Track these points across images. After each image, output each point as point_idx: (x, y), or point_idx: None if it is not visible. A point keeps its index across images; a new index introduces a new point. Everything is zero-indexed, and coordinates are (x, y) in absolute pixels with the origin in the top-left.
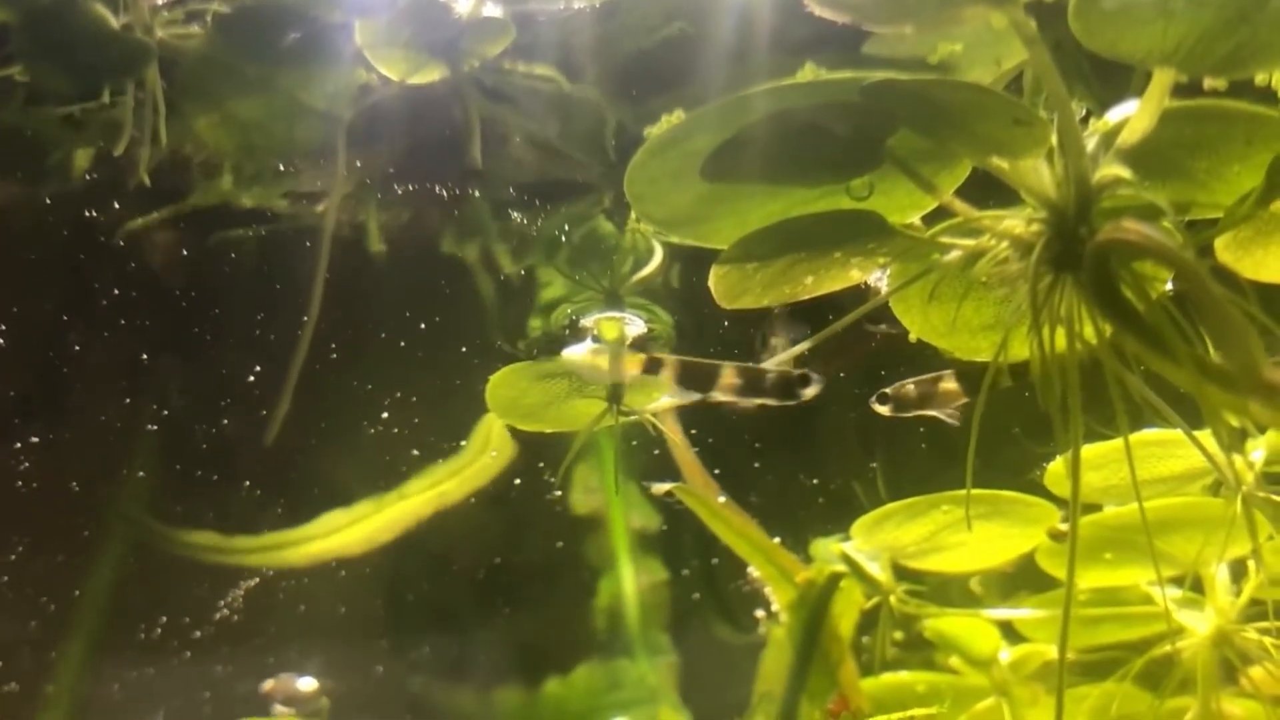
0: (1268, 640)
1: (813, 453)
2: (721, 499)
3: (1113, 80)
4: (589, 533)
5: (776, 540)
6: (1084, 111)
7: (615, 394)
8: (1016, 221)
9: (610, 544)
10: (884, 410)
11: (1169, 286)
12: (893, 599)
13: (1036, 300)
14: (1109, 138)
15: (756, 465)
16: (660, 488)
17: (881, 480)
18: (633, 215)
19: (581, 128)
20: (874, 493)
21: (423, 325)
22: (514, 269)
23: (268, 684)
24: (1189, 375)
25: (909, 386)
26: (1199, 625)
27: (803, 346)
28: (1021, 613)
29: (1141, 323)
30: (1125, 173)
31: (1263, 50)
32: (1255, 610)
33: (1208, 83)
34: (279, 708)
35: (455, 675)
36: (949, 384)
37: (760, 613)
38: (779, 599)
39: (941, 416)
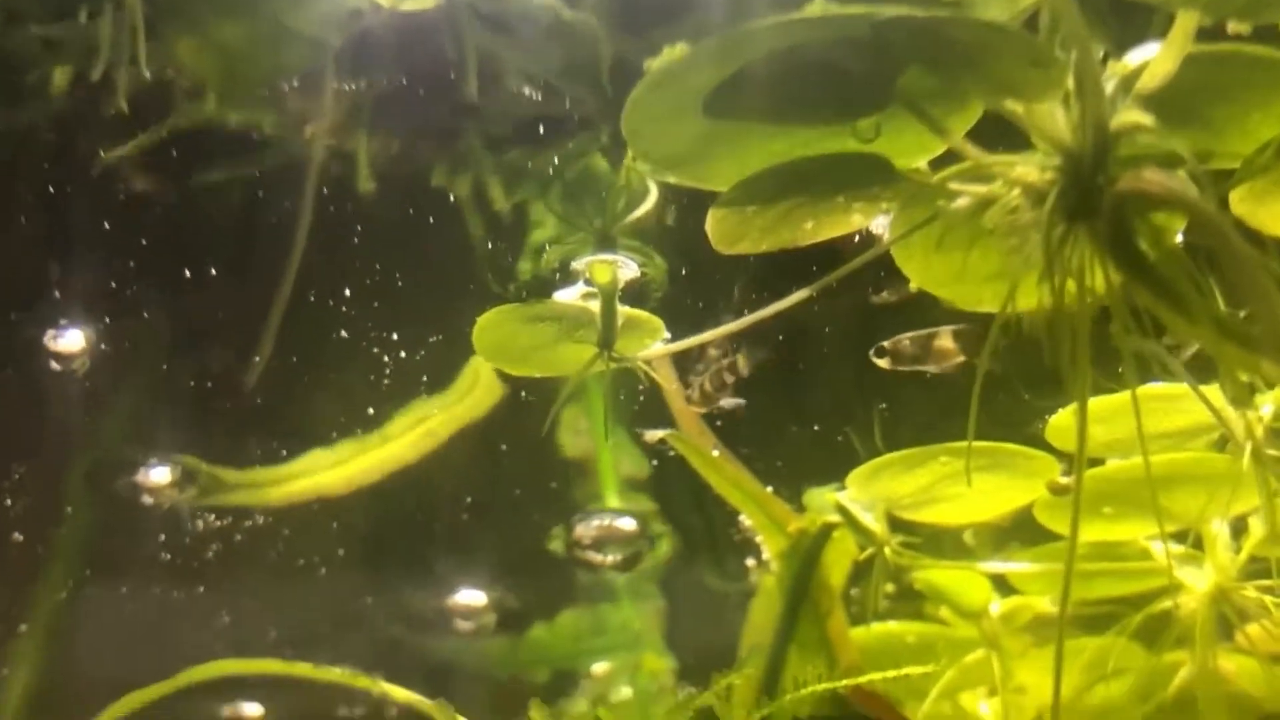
0: (1268, 599)
1: (810, 403)
2: (715, 451)
3: (1133, 21)
4: (578, 477)
5: (769, 490)
6: (1102, 53)
7: (606, 340)
8: (1030, 168)
9: (599, 488)
10: (882, 363)
11: (1180, 238)
12: (887, 551)
13: (1050, 249)
14: (1128, 81)
15: (752, 414)
16: (654, 434)
17: (879, 431)
18: (629, 153)
19: (579, 59)
20: (871, 444)
21: (411, 263)
22: (506, 207)
23: (577, 529)
24: (1205, 332)
25: (905, 341)
26: (1198, 582)
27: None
28: (1017, 566)
29: (1157, 277)
30: (1145, 119)
31: None
32: (1255, 567)
33: (1231, 26)
34: (591, 554)
35: (437, 620)
36: (945, 341)
37: (751, 561)
38: (770, 548)
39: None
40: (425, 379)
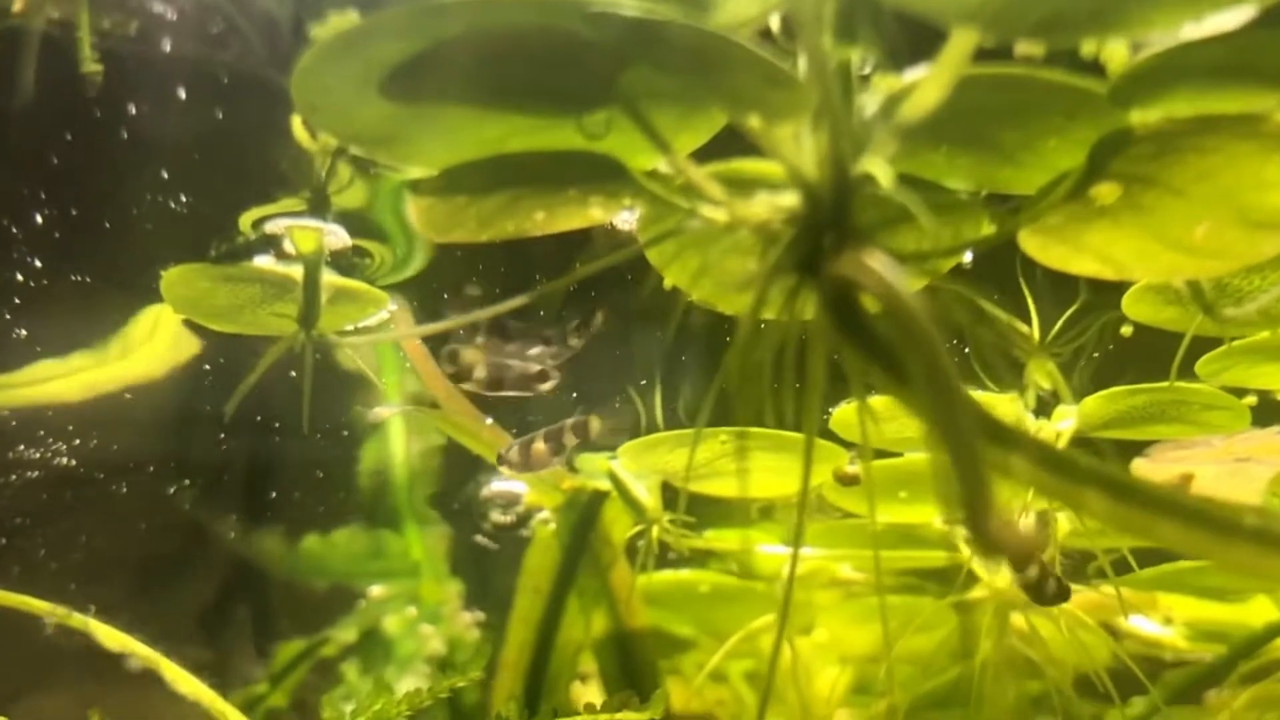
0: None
1: (608, 378)
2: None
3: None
4: (359, 393)
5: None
6: (868, 68)
7: (308, 317)
8: (761, 208)
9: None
10: (505, 470)
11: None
12: (655, 530)
13: (763, 290)
14: (894, 102)
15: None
16: (381, 412)
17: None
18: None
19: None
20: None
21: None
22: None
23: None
24: (917, 402)
25: (514, 450)
26: (992, 576)
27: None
28: (787, 550)
29: (876, 343)
30: (885, 174)
31: (1093, 16)
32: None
33: (1021, 48)
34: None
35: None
36: (539, 445)
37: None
38: (544, 503)
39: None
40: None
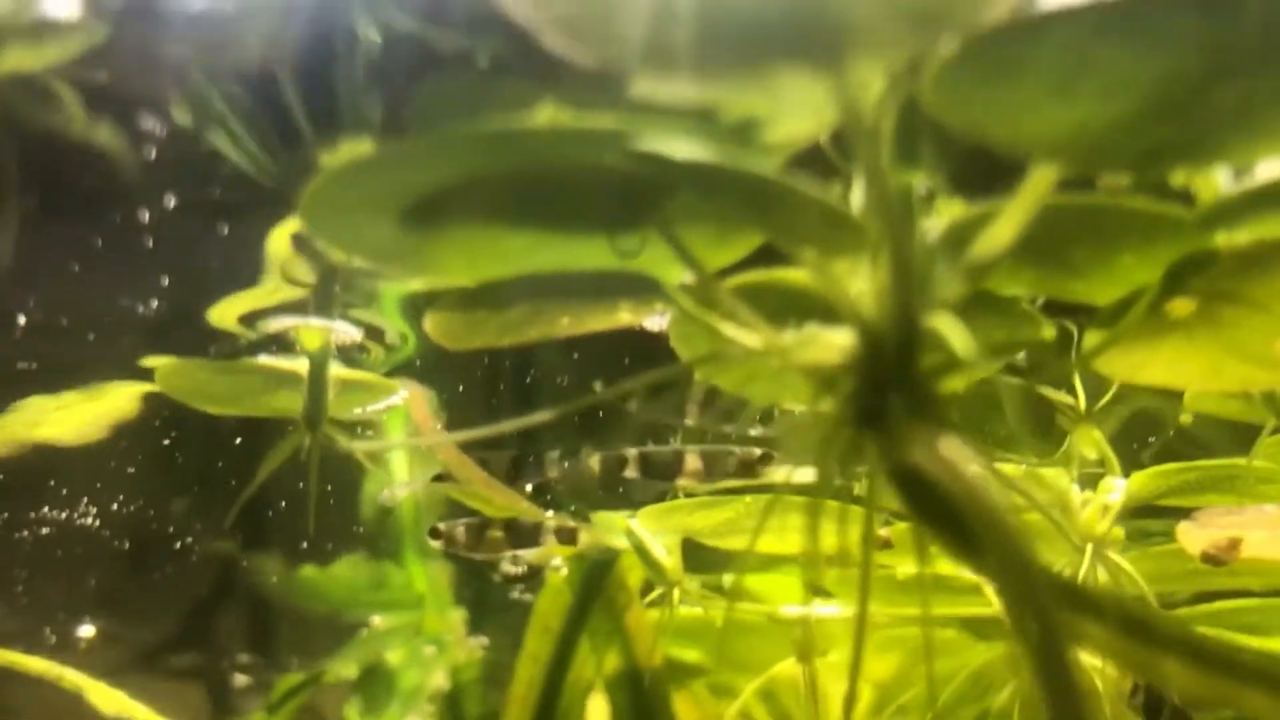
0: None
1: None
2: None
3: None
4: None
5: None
6: (925, 190)
7: (312, 417)
8: (815, 347)
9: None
10: (436, 544)
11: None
12: (676, 593)
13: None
14: (962, 235)
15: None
16: (390, 495)
17: None
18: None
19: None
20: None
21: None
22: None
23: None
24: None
25: (460, 529)
26: None
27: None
28: (827, 610)
29: (957, 525)
30: (958, 337)
31: (1194, 149)
32: None
33: (1107, 181)
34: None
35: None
36: (495, 532)
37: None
38: (558, 551)
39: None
40: None
